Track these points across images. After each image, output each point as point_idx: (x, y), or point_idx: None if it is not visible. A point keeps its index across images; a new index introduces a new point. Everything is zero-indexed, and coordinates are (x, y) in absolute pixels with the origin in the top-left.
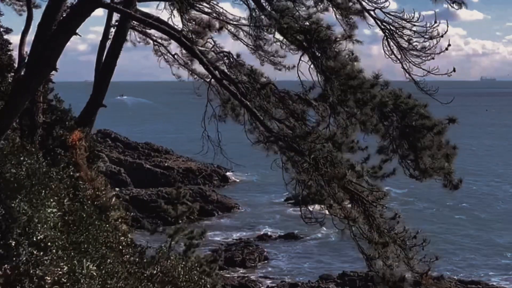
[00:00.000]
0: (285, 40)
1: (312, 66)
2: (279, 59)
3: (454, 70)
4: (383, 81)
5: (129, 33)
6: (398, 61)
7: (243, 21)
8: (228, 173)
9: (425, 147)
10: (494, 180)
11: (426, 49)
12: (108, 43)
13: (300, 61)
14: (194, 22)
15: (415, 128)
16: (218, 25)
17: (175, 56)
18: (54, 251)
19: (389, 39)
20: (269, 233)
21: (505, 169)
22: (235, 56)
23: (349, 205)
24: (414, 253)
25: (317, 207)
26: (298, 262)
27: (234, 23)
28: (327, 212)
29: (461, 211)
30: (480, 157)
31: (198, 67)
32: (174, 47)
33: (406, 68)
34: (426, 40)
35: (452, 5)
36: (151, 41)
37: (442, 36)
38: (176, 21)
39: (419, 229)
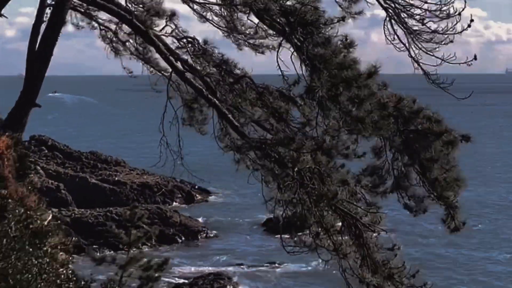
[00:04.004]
0: (261, 24)
1: (295, 54)
2: (261, 41)
3: (475, 58)
4: (382, 82)
5: (69, 14)
6: (404, 48)
7: None
8: (194, 190)
9: (432, 158)
10: None
11: (442, 31)
12: (43, 27)
13: (281, 48)
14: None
15: (421, 133)
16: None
17: (127, 43)
18: None
19: (392, 21)
20: (244, 263)
21: None
22: (201, 43)
23: (340, 230)
24: None
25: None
26: None
27: (201, 0)
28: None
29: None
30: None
31: (155, 57)
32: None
33: (414, 56)
34: (440, 19)
35: None
36: (97, 25)
37: (459, 14)
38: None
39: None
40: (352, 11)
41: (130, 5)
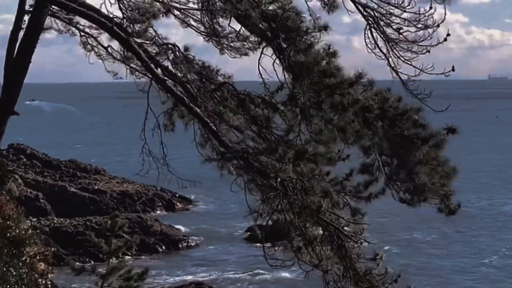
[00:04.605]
0: (243, 29)
1: (277, 61)
2: (243, 43)
3: (453, 69)
4: (367, 80)
5: (48, 21)
6: (384, 56)
7: (192, 5)
8: (174, 198)
9: (420, 161)
10: None
11: (419, 40)
12: (21, 34)
13: (262, 56)
14: (130, 8)
15: (407, 138)
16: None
17: (108, 49)
18: None
19: (372, 29)
20: (225, 272)
21: None
22: (182, 49)
23: (322, 240)
24: None
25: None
26: None
27: (182, 6)
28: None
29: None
30: (489, 178)
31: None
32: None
33: (393, 65)
34: (419, 29)
35: None
36: (77, 32)
37: (438, 26)
38: (112, 8)
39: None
40: (333, 20)
41: (111, 12)
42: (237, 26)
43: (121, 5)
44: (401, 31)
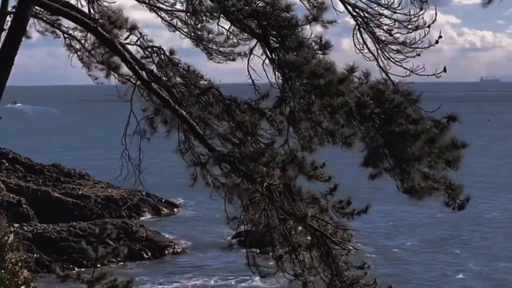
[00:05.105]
0: (232, 27)
1: (266, 62)
2: (231, 48)
3: (444, 70)
4: (362, 73)
5: (31, 22)
6: (373, 58)
7: (179, 6)
8: (160, 203)
9: (415, 157)
10: None
11: (410, 43)
12: (3, 36)
13: (252, 56)
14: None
15: (399, 134)
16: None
17: (92, 52)
18: None
19: (361, 30)
20: (213, 281)
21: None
22: (167, 52)
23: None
24: None
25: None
26: None
27: (168, 8)
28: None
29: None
30: (477, 182)
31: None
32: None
33: (382, 66)
34: (409, 31)
35: None
36: (60, 33)
37: (429, 27)
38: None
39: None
40: (323, 19)
41: (95, 13)
42: (226, 25)
43: (91, 10)
44: (392, 32)
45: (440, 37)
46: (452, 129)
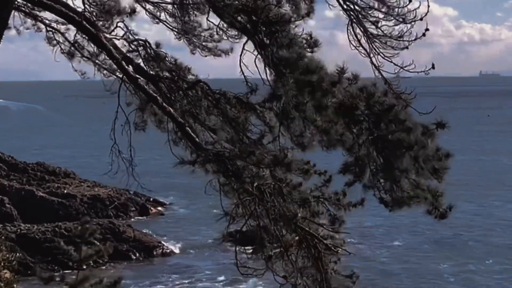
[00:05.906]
0: (222, 23)
1: (258, 57)
2: (215, 44)
3: (433, 67)
4: (352, 74)
5: (12, 15)
6: (366, 54)
7: None
8: (148, 202)
9: (405, 169)
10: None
11: (398, 35)
12: None
13: (244, 52)
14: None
15: (391, 142)
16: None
17: (76, 45)
18: None
19: (354, 24)
20: (203, 282)
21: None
22: (154, 46)
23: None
24: None
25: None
26: None
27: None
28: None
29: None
30: (477, 181)
31: (107, 60)
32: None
33: (375, 62)
34: (400, 23)
35: None
36: (43, 27)
37: (421, 19)
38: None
39: None
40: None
41: (81, 6)
42: (216, 20)
43: (85, 0)
44: (379, 25)
45: (427, 29)
46: (437, 138)
